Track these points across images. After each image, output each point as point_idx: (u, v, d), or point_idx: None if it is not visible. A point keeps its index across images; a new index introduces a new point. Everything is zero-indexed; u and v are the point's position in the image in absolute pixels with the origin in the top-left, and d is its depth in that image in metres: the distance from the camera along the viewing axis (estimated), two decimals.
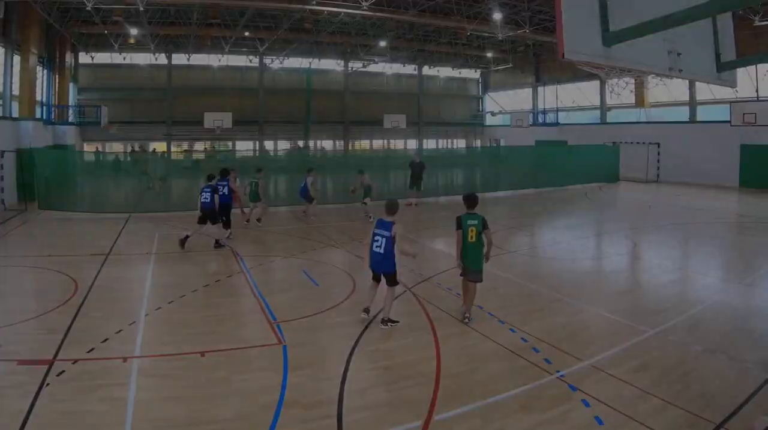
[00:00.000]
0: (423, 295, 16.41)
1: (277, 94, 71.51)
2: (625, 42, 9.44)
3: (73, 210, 30.32)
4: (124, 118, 63.34)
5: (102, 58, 63.46)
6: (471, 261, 14.23)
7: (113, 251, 22.17)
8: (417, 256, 16.13)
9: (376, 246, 13.78)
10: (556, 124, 67.18)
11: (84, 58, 62.42)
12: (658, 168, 52.48)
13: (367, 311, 14.18)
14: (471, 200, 14.55)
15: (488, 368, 11.48)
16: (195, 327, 13.78)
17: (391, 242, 13.57)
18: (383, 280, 14.05)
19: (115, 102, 62.46)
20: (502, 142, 75.74)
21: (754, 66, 42.23)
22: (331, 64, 73.32)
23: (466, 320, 14.11)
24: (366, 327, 13.80)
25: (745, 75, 42.57)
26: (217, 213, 22.63)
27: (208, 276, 18.86)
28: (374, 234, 13.91)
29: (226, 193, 23.66)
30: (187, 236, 21.97)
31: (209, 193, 22.18)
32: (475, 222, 14.10)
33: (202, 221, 22.37)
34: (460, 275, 14.42)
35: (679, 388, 10.46)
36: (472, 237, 14.13)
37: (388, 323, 13.93)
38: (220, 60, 68.19)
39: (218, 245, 22.56)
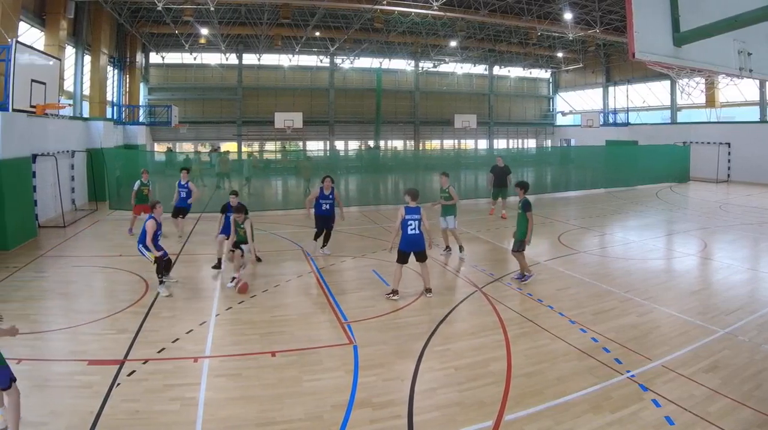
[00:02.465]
0: (493, 295, 16.40)
1: (348, 94, 72.05)
2: (695, 42, 9.33)
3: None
4: (195, 118, 64.58)
5: (172, 58, 64.72)
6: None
7: (183, 251, 22.46)
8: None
9: (411, 229, 16.31)
10: (627, 124, 66.63)
11: (154, 58, 63.85)
12: (729, 168, 51.61)
13: (396, 292, 16.13)
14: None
15: (559, 367, 11.44)
16: (265, 327, 13.89)
17: (421, 223, 16.29)
18: (413, 258, 16.57)
19: (185, 102, 63.99)
20: (573, 142, 75.54)
21: None
22: (401, 64, 73.39)
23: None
24: (437, 327, 13.80)
25: None
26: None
27: (278, 277, 18.94)
28: (407, 220, 16.32)
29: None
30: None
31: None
32: None
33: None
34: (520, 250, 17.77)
35: (749, 388, 10.36)
36: None
37: (429, 293, 16.44)
38: (290, 60, 68.76)
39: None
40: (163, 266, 16.82)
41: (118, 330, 13.52)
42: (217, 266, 19.20)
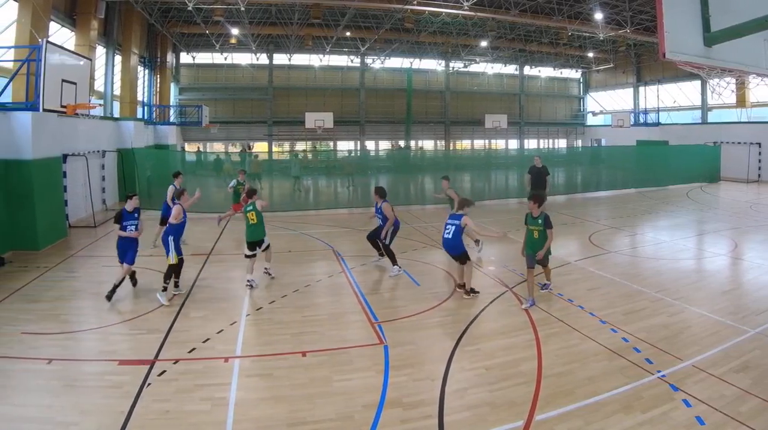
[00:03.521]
0: (524, 295, 16.26)
1: (378, 94, 72.14)
2: (725, 42, 9.31)
3: None
4: (225, 118, 64.95)
5: (203, 58, 65.16)
6: None
7: (214, 250, 22.54)
8: (505, 234, 16.87)
9: (446, 233, 16.39)
10: (657, 124, 66.27)
11: (185, 58, 64.27)
12: (759, 168, 51.23)
13: (460, 286, 16.58)
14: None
15: (589, 368, 11.44)
16: (296, 327, 13.93)
17: (459, 229, 16.18)
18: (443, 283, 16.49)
19: (216, 102, 64.39)
20: (603, 142, 75.31)
21: None
22: (431, 64, 73.39)
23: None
24: (467, 327, 13.80)
25: None
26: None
27: (309, 276, 19.01)
28: (446, 224, 16.53)
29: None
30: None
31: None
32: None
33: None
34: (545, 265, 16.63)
35: None
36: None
37: (471, 294, 16.25)
38: (321, 60, 68.99)
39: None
40: (173, 270, 16.75)
41: (149, 330, 13.62)
42: (111, 294, 15.97)
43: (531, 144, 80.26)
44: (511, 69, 78.14)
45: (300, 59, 68.57)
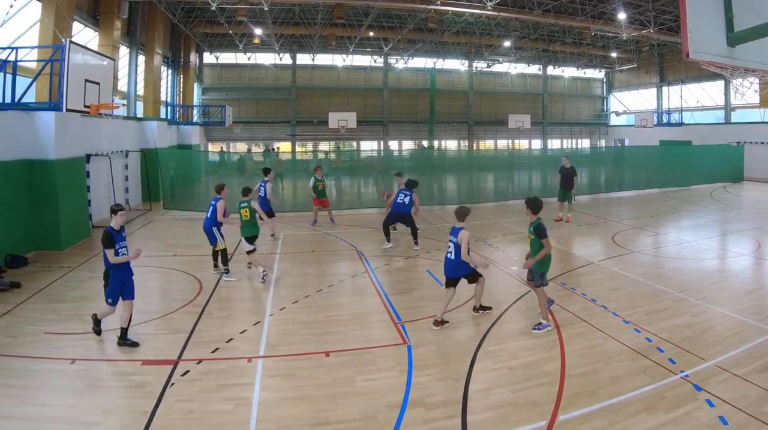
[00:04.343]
0: (547, 295, 16.07)
1: (402, 94, 72.12)
2: (749, 42, 9.30)
3: (197, 210, 30.60)
4: (248, 118, 65.31)
5: (226, 58, 65.39)
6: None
7: (237, 251, 22.50)
8: (488, 267, 15.79)
9: (449, 252, 14.19)
10: (681, 124, 65.99)
11: (208, 58, 64.65)
12: None
13: (437, 323, 13.91)
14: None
15: (612, 367, 11.43)
16: (319, 327, 13.95)
17: (458, 247, 13.79)
18: (464, 281, 14.30)
19: (239, 102, 64.71)
20: (627, 142, 74.98)
21: None
22: (455, 64, 73.42)
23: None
24: (490, 327, 13.80)
25: None
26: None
27: (332, 276, 19.05)
28: (449, 241, 14.19)
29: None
30: None
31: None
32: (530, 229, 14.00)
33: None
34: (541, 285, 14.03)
35: None
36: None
37: (480, 310, 14.84)
38: (344, 60, 68.99)
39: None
40: (225, 255, 18.94)
41: (172, 330, 13.70)
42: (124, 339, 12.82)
43: (554, 144, 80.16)
44: (534, 69, 77.97)
45: (323, 59, 68.68)
